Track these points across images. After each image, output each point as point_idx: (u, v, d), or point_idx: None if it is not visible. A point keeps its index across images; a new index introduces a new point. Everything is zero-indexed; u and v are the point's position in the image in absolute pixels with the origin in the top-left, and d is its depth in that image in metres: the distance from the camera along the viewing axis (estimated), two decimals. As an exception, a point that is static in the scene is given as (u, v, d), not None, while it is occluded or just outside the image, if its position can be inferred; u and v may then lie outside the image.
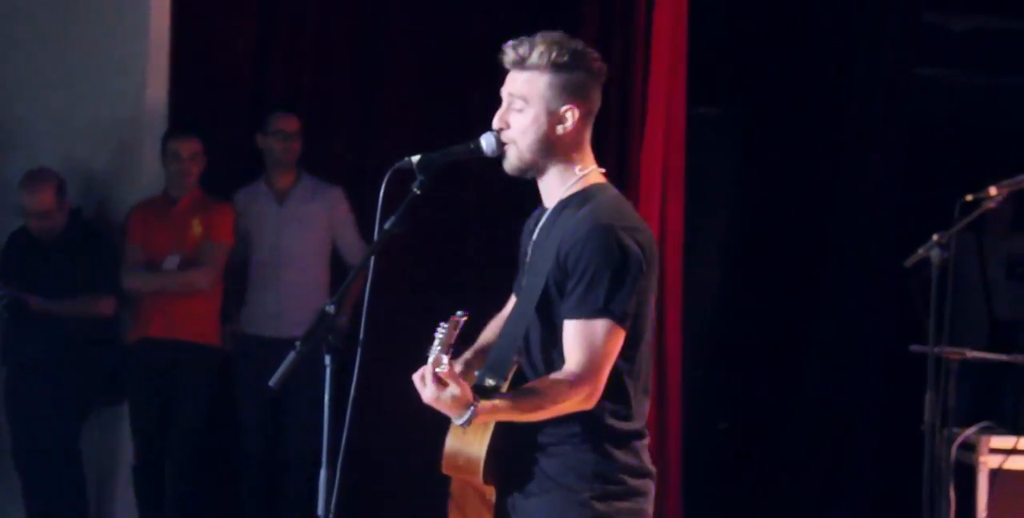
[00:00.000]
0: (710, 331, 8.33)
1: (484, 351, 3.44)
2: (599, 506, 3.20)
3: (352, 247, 6.33)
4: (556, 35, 3.29)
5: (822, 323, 7.50)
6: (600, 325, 3.13)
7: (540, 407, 3.12)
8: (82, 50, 6.50)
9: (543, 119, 3.27)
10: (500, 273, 6.45)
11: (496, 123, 3.31)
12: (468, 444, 3.21)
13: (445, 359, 3.02)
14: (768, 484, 7.61)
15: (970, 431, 6.07)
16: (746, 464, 7.87)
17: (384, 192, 3.23)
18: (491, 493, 3.25)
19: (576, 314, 3.14)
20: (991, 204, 5.41)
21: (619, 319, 3.14)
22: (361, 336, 3.21)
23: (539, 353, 3.25)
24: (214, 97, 6.53)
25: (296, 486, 6.05)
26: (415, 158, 3.26)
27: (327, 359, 3.16)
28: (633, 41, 6.28)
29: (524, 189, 6.48)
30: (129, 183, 6.50)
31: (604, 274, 3.13)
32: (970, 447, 6.05)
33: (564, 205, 3.30)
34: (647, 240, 3.24)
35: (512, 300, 3.55)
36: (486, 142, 3.31)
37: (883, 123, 7.48)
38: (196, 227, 6.27)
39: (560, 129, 3.28)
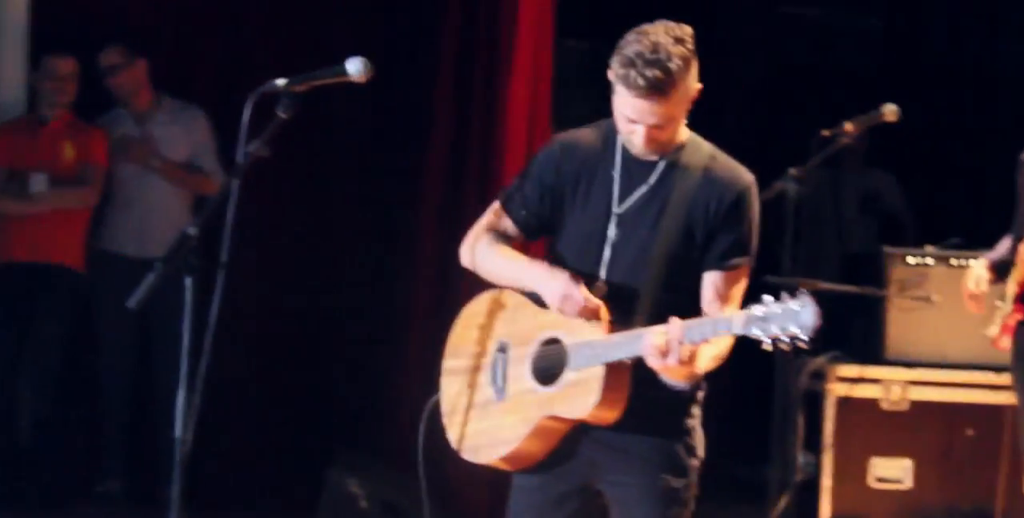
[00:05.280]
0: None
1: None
2: (698, 431, 3.39)
3: (213, 172, 6.28)
4: (659, 43, 3.25)
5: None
6: (746, 271, 3.34)
7: (724, 356, 3.26)
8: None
9: (683, 116, 3.35)
10: (367, 197, 6.52)
11: (651, 148, 3.30)
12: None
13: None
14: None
15: (819, 360, 6.25)
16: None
17: (249, 115, 3.22)
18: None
19: (733, 265, 3.29)
20: (846, 140, 5.55)
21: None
22: (223, 259, 3.20)
23: (664, 295, 3.29)
24: (77, 16, 6.40)
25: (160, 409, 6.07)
26: (281, 81, 3.25)
27: (187, 282, 3.15)
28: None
29: (391, 119, 6.50)
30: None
31: (754, 228, 3.33)
32: (819, 375, 6.23)
33: (676, 159, 3.34)
34: None
35: (501, 214, 3.49)
36: (352, 66, 3.29)
37: (744, 59, 7.58)
38: (68, 150, 6.17)
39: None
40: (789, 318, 2.89)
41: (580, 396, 3.23)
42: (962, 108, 8.00)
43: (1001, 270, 4.90)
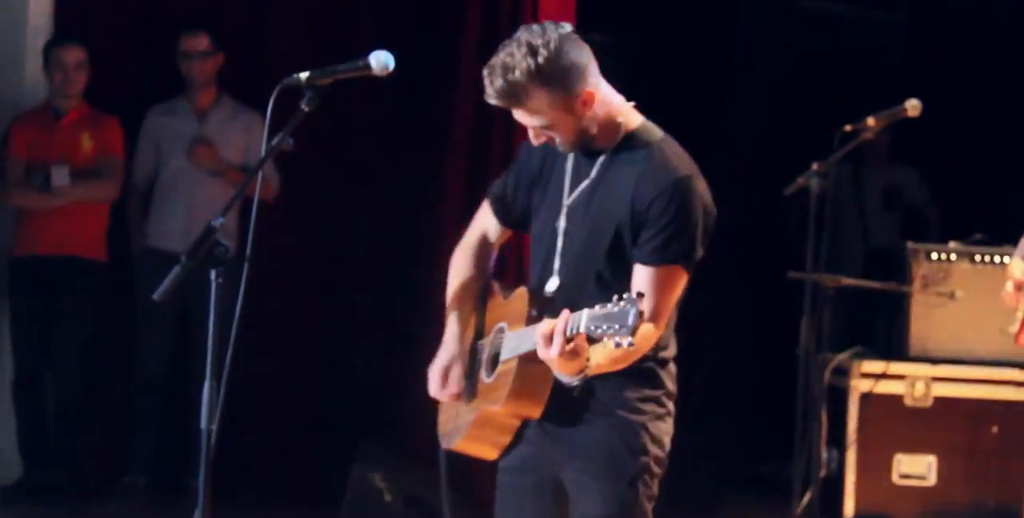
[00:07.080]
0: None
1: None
2: (652, 430, 3.29)
3: (271, 176, 6.22)
4: (514, 54, 3.19)
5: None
6: (677, 271, 3.22)
7: (630, 357, 3.18)
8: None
9: (572, 119, 3.25)
10: (390, 194, 6.52)
11: (538, 143, 3.30)
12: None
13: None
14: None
15: (843, 356, 6.23)
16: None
17: (272, 108, 3.22)
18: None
19: (657, 260, 3.21)
20: (869, 135, 5.54)
21: (692, 267, 3.25)
22: (248, 252, 3.21)
23: (593, 290, 3.25)
24: (101, 6, 6.42)
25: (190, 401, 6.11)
26: (303, 75, 3.24)
27: (212, 274, 3.16)
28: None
29: (415, 112, 6.50)
30: (10, 93, 6.38)
31: (688, 225, 3.21)
32: (843, 371, 6.21)
33: (618, 152, 3.31)
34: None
35: (486, 210, 3.54)
36: (375, 60, 3.29)
37: (767, 54, 7.57)
38: (86, 142, 6.19)
39: (590, 112, 3.26)
40: (616, 317, 2.90)
41: (500, 388, 3.26)
42: (986, 102, 7.97)
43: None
